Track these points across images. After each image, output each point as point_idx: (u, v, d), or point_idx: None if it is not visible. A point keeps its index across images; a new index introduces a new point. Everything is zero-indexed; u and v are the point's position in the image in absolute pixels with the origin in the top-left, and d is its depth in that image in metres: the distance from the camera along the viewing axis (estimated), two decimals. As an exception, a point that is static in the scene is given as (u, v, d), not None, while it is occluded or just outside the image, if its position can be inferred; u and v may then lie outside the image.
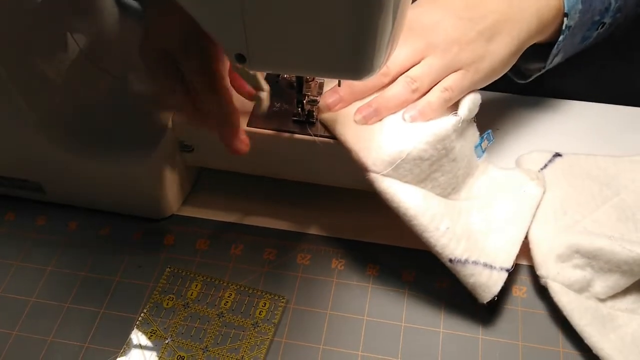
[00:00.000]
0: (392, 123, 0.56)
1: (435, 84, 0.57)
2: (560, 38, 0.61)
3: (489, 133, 0.61)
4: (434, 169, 0.56)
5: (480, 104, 0.59)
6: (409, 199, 0.54)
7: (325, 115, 0.58)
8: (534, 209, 0.60)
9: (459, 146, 0.57)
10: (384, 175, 0.54)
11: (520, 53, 0.60)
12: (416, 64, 0.57)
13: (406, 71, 0.57)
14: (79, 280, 0.61)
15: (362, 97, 0.58)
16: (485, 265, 0.55)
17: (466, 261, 0.55)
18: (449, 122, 0.55)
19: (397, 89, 0.56)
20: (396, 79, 0.57)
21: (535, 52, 0.63)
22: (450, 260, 0.55)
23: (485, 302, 0.55)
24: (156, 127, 0.60)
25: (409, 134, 0.54)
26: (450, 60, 0.56)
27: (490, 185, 0.61)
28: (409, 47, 0.56)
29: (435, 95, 0.56)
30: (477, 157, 0.60)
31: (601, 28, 0.66)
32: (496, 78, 0.60)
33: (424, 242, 0.55)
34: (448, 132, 0.55)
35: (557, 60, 0.66)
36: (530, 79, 0.68)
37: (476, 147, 0.60)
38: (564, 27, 0.61)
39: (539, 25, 0.59)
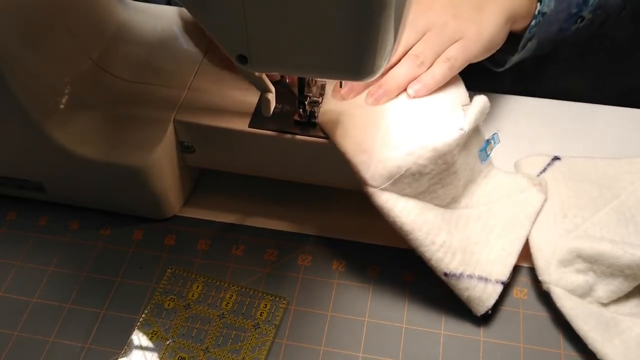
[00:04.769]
0: (393, 135, 0.55)
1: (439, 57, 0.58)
2: (533, 22, 0.64)
3: (494, 136, 0.60)
4: (434, 181, 0.55)
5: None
6: (405, 214, 0.54)
7: (325, 124, 0.57)
8: (534, 217, 0.60)
9: (462, 158, 0.56)
10: (382, 189, 0.54)
11: (509, 27, 0.62)
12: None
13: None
14: (80, 280, 0.61)
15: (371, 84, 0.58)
16: (480, 278, 0.56)
17: (461, 275, 0.55)
18: (451, 136, 0.54)
19: (404, 67, 0.57)
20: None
21: (511, 40, 0.65)
22: (445, 274, 0.55)
23: (479, 315, 0.56)
24: (157, 128, 0.60)
25: (409, 148, 0.53)
26: (448, 31, 0.58)
27: (491, 191, 0.61)
28: (409, 29, 0.58)
29: (438, 67, 0.58)
30: (481, 161, 0.60)
31: (580, 22, 0.68)
32: (494, 49, 0.62)
33: (420, 256, 0.56)
34: (450, 147, 0.54)
35: (531, 46, 0.67)
36: (506, 67, 0.69)
37: (481, 151, 0.59)
38: (536, 12, 0.63)
39: (520, 6, 0.62)
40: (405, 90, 0.58)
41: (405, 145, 0.54)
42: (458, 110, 0.57)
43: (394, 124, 0.56)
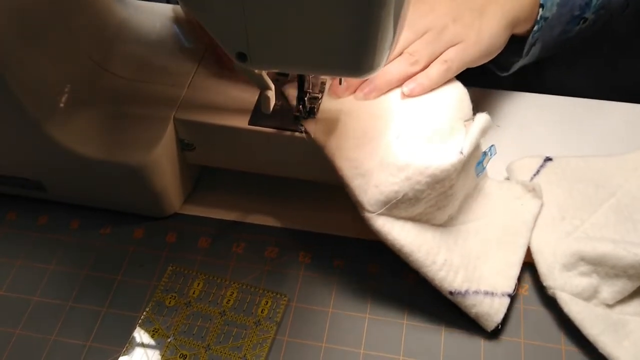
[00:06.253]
0: (392, 157, 0.54)
1: (435, 58, 0.58)
2: (536, 28, 0.63)
3: (491, 148, 0.58)
4: (431, 204, 0.54)
5: (481, 101, 0.58)
6: (403, 236, 0.54)
7: (320, 138, 0.57)
8: (532, 223, 0.59)
9: (460, 181, 0.55)
10: (378, 214, 0.54)
11: (510, 31, 0.62)
12: None
13: None
14: (80, 279, 0.61)
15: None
16: (486, 293, 0.55)
17: (466, 292, 0.55)
18: (450, 160, 0.52)
19: (397, 64, 0.58)
20: None
21: (515, 44, 0.64)
22: (451, 293, 0.55)
23: (489, 330, 0.55)
24: (157, 126, 0.60)
25: (407, 173, 0.52)
26: (447, 34, 0.58)
27: (487, 203, 0.60)
28: (408, 30, 0.58)
29: (434, 67, 0.58)
30: (477, 174, 0.58)
31: (583, 23, 0.67)
32: (493, 53, 0.61)
33: (424, 277, 0.55)
34: (449, 173, 0.52)
35: (535, 51, 0.67)
36: (511, 71, 0.69)
37: (477, 165, 0.57)
38: (539, 18, 0.63)
39: (521, 10, 0.62)
40: (397, 88, 0.58)
41: (403, 170, 0.53)
42: (460, 127, 0.55)
43: (393, 142, 0.54)
